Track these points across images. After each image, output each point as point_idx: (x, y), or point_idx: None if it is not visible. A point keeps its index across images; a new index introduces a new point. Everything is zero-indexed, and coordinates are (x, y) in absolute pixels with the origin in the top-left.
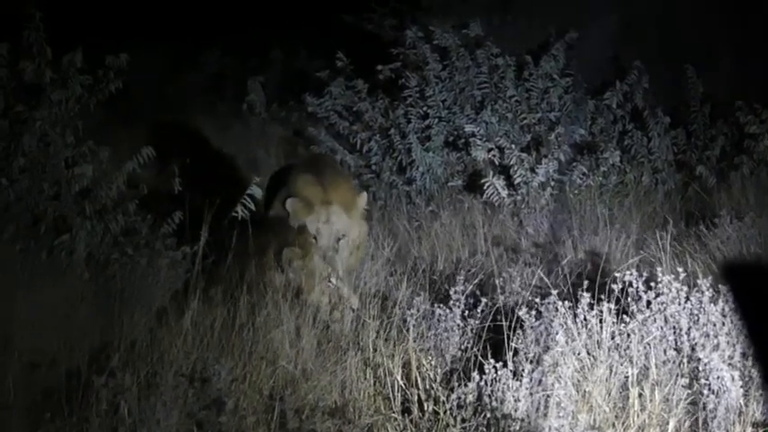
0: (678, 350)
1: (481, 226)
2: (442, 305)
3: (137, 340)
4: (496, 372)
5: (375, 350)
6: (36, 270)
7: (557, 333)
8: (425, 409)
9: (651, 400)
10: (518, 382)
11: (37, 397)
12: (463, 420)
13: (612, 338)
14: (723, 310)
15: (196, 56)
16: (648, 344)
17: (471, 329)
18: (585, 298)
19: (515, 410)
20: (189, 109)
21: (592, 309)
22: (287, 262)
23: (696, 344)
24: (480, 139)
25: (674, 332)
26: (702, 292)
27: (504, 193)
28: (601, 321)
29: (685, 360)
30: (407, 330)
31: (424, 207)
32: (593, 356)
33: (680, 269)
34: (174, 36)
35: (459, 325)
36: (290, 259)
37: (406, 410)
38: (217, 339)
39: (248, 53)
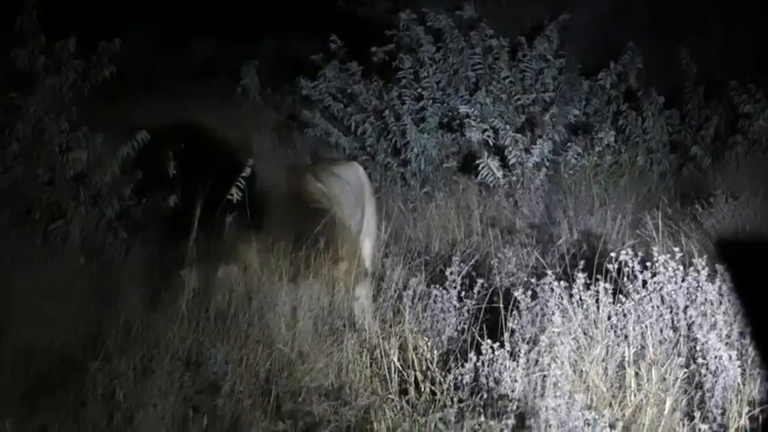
0: (675, 329)
1: (476, 207)
2: (438, 286)
3: (132, 325)
4: (493, 352)
5: (371, 332)
6: (31, 256)
7: (553, 313)
8: (422, 390)
9: (648, 380)
10: (515, 363)
11: (32, 383)
12: (460, 401)
13: (609, 318)
14: (720, 289)
15: (190, 40)
16: (645, 323)
17: (467, 310)
18: (581, 278)
19: (512, 391)
20: (183, 94)
21: (588, 289)
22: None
23: (693, 323)
24: (475, 121)
25: (671, 311)
26: (699, 272)
27: (499, 173)
28: (597, 301)
29: (682, 339)
30: (404, 312)
31: (418, 189)
32: (590, 336)
33: (676, 249)
34: (168, 21)
35: (455, 306)
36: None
37: (403, 392)
38: (212, 323)
39: (242, 37)
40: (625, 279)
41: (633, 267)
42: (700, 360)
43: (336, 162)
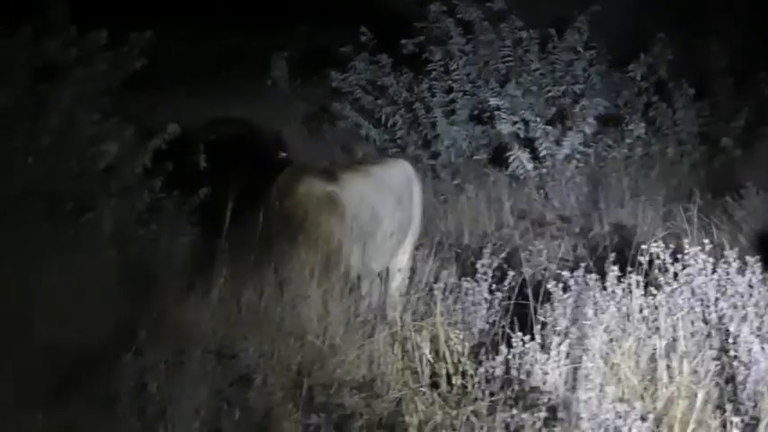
0: (706, 322)
1: (507, 199)
2: (469, 279)
3: (163, 318)
4: (524, 345)
5: (402, 324)
6: (61, 248)
7: (584, 306)
8: (453, 382)
9: (680, 372)
10: (546, 355)
11: (63, 376)
12: (491, 394)
13: (640, 311)
14: (750, 281)
15: (220, 32)
16: (676, 316)
17: (499, 303)
18: (613, 270)
19: (543, 383)
20: (213, 85)
21: (619, 281)
22: None
23: (724, 315)
24: (505, 113)
25: (702, 304)
26: (729, 264)
27: (530, 166)
28: (628, 293)
29: (714, 331)
30: (435, 304)
31: (449, 181)
32: (621, 329)
33: (706, 241)
34: (198, 12)
35: (486, 298)
36: None
37: (434, 384)
38: (244, 315)
39: (272, 29)
40: (656, 271)
41: (664, 259)
42: (731, 352)
43: (378, 161)
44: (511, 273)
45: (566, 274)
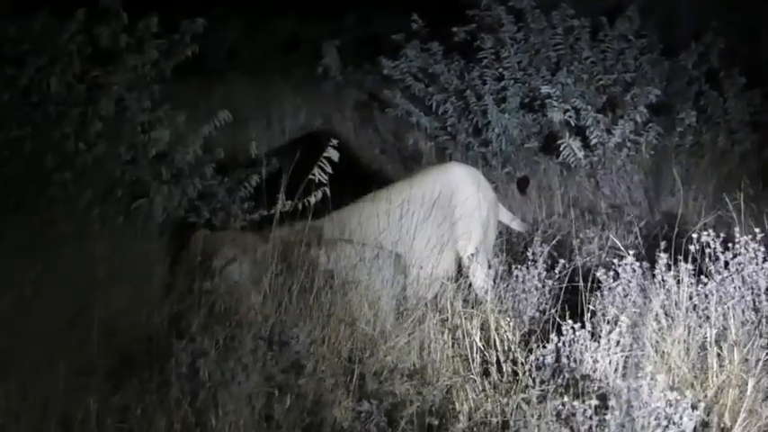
0: (756, 311)
1: (558, 187)
2: (519, 266)
3: (215, 304)
4: (575, 333)
5: (453, 312)
6: (114, 234)
7: (635, 294)
8: (504, 370)
9: (730, 361)
10: (596, 344)
11: (115, 361)
12: (542, 381)
13: (690, 299)
14: None
15: (271, 19)
16: (727, 304)
17: (549, 291)
18: (663, 259)
19: (594, 371)
20: (264, 73)
21: (669, 269)
22: None
23: None
24: (556, 101)
25: (753, 293)
26: None
27: (581, 154)
28: (678, 282)
29: (764, 320)
30: (485, 291)
31: (500, 169)
32: (671, 317)
33: (757, 230)
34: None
35: (536, 286)
36: None
37: (484, 372)
38: (295, 302)
39: (323, 16)
40: (707, 260)
41: (715, 248)
42: None
43: (422, 171)
44: (561, 260)
45: (616, 262)
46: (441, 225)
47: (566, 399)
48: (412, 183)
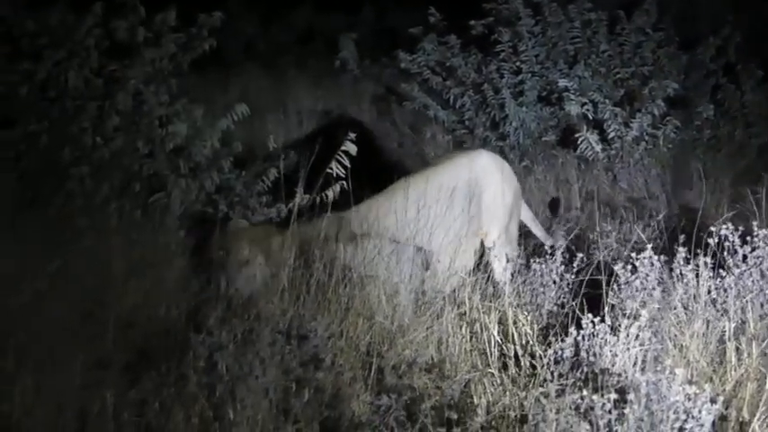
0: None
1: (575, 181)
2: (538, 260)
3: (233, 298)
4: (593, 327)
5: (471, 306)
6: (131, 228)
7: (653, 288)
8: (522, 364)
9: (749, 355)
10: (615, 337)
11: (133, 355)
12: (560, 375)
13: (709, 293)
14: None
15: (288, 13)
16: (745, 298)
17: (567, 284)
18: (681, 252)
19: (612, 365)
20: (282, 66)
21: (688, 263)
22: None
23: None
24: (574, 94)
25: None
26: None
27: (598, 147)
28: (697, 276)
29: None
30: (503, 285)
31: (517, 162)
32: (690, 311)
33: None
34: None
35: (555, 280)
36: None
37: (503, 366)
38: (313, 296)
39: (340, 9)
40: (725, 253)
41: (733, 242)
42: None
43: (444, 159)
44: (580, 254)
45: (634, 255)
46: (464, 212)
47: (584, 393)
48: (437, 170)
